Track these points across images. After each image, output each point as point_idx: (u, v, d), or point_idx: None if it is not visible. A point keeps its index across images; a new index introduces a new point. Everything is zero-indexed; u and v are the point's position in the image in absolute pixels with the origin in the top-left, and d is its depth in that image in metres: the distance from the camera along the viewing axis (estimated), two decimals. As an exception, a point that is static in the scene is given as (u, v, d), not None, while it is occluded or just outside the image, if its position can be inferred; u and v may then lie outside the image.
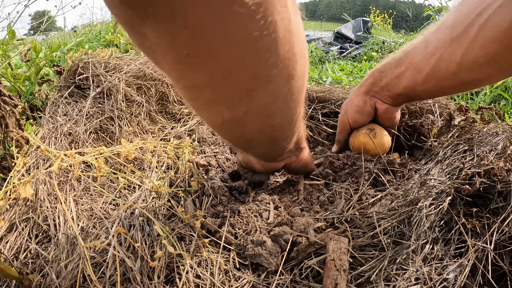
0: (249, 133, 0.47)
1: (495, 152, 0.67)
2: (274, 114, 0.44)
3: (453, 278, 0.49)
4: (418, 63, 0.70)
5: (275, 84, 0.37)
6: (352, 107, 0.84)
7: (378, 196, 0.70)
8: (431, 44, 0.68)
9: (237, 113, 0.40)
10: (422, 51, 0.70)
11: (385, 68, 0.78)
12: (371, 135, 0.83)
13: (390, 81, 0.77)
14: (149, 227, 0.62)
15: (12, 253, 0.61)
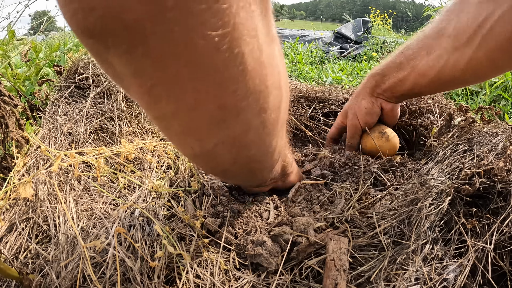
0: (223, 164, 0.45)
1: (495, 152, 0.67)
2: (247, 146, 0.42)
3: (453, 278, 0.49)
4: (422, 69, 0.74)
5: (245, 116, 0.35)
6: (361, 109, 0.87)
7: (378, 196, 0.70)
8: (434, 51, 0.71)
9: (207, 145, 0.39)
10: (424, 57, 0.73)
11: (387, 71, 0.82)
12: (384, 138, 0.86)
13: (393, 84, 0.81)
14: (149, 227, 0.62)
15: (12, 253, 0.61)
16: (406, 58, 0.77)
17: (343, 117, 0.93)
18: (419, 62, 0.74)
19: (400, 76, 0.78)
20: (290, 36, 4.94)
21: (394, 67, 0.79)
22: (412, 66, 0.76)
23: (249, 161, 0.48)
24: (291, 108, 1.13)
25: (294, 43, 3.42)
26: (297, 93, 1.16)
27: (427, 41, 0.73)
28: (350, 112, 0.89)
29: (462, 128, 0.83)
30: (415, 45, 0.75)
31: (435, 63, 0.71)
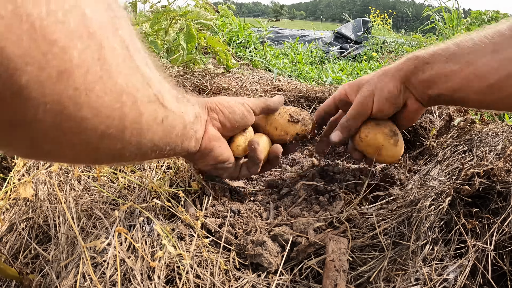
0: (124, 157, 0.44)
1: (495, 153, 0.67)
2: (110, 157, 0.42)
3: (453, 278, 0.49)
4: (481, 68, 0.57)
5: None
6: (383, 91, 0.68)
7: (378, 196, 0.70)
8: (505, 50, 0.55)
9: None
10: (488, 54, 0.57)
11: (432, 59, 0.64)
12: (393, 140, 0.70)
13: (435, 76, 0.63)
14: (149, 227, 0.62)
15: (12, 253, 0.62)
16: (461, 50, 0.60)
17: (351, 90, 0.74)
18: (480, 59, 0.57)
19: (448, 70, 0.61)
20: (290, 36, 4.94)
21: (444, 56, 0.62)
22: (468, 61, 0.59)
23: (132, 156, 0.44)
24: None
25: (294, 43, 3.42)
26: (297, 93, 1.16)
27: (497, 36, 0.56)
28: (367, 87, 0.70)
29: (461, 129, 0.83)
30: (478, 37, 0.58)
31: (504, 65, 0.55)
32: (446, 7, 3.24)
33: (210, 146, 0.62)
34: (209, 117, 0.63)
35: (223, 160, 0.65)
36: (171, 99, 0.46)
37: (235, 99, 0.68)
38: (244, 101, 0.68)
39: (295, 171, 0.89)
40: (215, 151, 0.63)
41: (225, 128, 0.65)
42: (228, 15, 2.73)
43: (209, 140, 0.62)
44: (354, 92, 0.72)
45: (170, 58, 1.36)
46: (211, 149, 0.62)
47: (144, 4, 1.56)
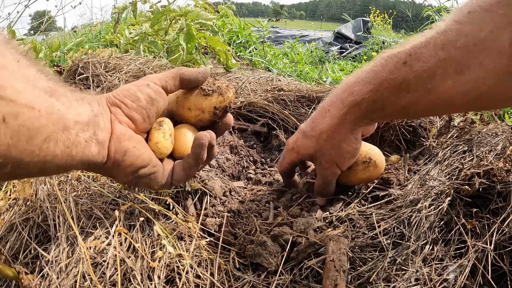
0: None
1: (495, 153, 0.67)
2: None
3: (453, 278, 0.49)
4: (447, 94, 0.51)
5: None
6: (343, 155, 0.65)
7: (378, 196, 0.70)
8: (467, 70, 0.48)
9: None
10: (451, 77, 0.50)
11: (378, 96, 0.56)
12: (372, 166, 0.69)
13: (391, 113, 0.58)
14: (149, 227, 0.62)
15: (12, 253, 0.62)
16: (415, 74, 0.51)
17: (299, 154, 0.70)
18: (442, 84, 0.50)
19: (405, 102, 0.53)
20: (290, 36, 4.94)
21: (394, 87, 0.53)
22: (429, 89, 0.51)
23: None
24: (291, 108, 1.13)
25: (294, 43, 3.42)
26: (297, 93, 1.16)
27: (453, 51, 0.48)
28: (323, 158, 0.66)
29: (461, 129, 0.84)
30: (428, 55, 0.50)
31: (472, 89, 0.48)
32: (445, 7, 3.24)
33: (121, 148, 0.49)
34: (112, 114, 0.50)
35: (144, 164, 0.52)
36: (34, 93, 0.37)
37: (137, 83, 0.55)
38: (150, 80, 0.56)
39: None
40: (130, 153, 0.50)
41: (136, 122, 0.53)
42: (228, 15, 2.73)
43: (118, 141, 0.49)
44: (308, 160, 0.72)
45: (170, 58, 1.36)
46: (123, 151, 0.49)
47: (144, 4, 1.56)
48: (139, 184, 0.55)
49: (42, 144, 0.38)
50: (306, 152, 0.68)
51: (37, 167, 0.39)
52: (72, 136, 0.42)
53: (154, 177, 0.55)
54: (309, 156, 0.68)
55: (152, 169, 0.54)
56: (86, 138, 0.44)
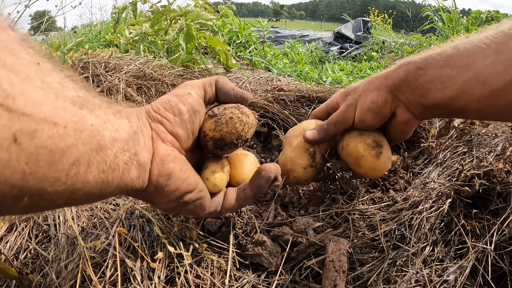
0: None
1: (495, 154, 0.67)
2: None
3: (453, 279, 0.49)
4: (482, 72, 0.49)
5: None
6: (366, 101, 0.61)
7: (378, 196, 0.70)
8: (509, 50, 0.47)
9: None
10: (491, 56, 0.48)
11: (426, 63, 0.55)
12: (375, 152, 0.61)
13: (429, 83, 0.54)
14: (149, 227, 0.62)
15: (12, 253, 0.62)
16: (459, 52, 0.51)
17: (342, 98, 0.67)
18: (481, 62, 0.49)
19: (444, 75, 0.52)
20: (290, 36, 4.94)
21: (439, 60, 0.53)
22: (466, 64, 0.50)
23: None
24: (291, 108, 1.13)
25: (294, 43, 3.42)
26: (297, 93, 1.16)
27: (500, 36, 0.48)
28: (352, 95, 0.63)
29: (461, 130, 0.84)
30: (478, 39, 0.50)
31: (508, 68, 0.46)
32: (445, 7, 3.24)
33: (166, 171, 0.42)
34: (153, 131, 0.43)
35: (190, 189, 0.46)
36: (57, 104, 0.29)
37: (177, 92, 0.48)
38: (190, 88, 0.49)
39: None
40: (175, 177, 0.43)
41: (181, 139, 0.46)
42: (228, 15, 2.73)
43: (162, 163, 0.42)
44: (344, 100, 0.66)
45: (170, 58, 1.36)
46: (168, 174, 0.43)
47: (144, 4, 1.56)
48: (183, 212, 0.49)
49: (69, 169, 0.30)
50: (346, 90, 0.66)
51: (63, 198, 0.31)
52: (109, 158, 0.34)
53: (201, 204, 0.48)
54: (346, 93, 0.66)
55: (199, 194, 0.47)
56: (126, 160, 0.37)
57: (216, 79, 0.51)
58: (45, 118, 0.27)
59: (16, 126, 0.25)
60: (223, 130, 0.48)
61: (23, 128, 0.25)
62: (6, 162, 0.25)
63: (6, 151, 0.25)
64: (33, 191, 0.28)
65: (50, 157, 0.28)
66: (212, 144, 0.49)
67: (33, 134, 0.26)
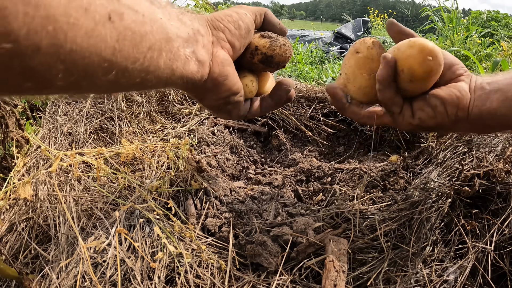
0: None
1: (494, 154, 0.67)
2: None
3: (453, 279, 0.49)
4: None
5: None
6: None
7: (378, 196, 0.70)
8: None
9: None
10: None
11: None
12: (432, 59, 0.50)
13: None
14: (149, 227, 0.62)
15: (12, 253, 0.62)
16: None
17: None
18: None
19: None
20: (290, 36, 4.94)
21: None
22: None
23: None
24: (291, 108, 1.13)
25: (294, 43, 3.42)
26: (297, 93, 1.16)
27: None
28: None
29: (462, 129, 0.83)
30: None
31: None
32: (445, 7, 3.24)
33: (225, 72, 0.49)
34: (214, 37, 0.49)
35: (237, 91, 0.53)
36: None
37: (236, 10, 0.53)
38: (245, 10, 0.54)
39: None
40: (230, 78, 0.50)
41: (236, 50, 0.52)
42: (228, 15, 2.73)
43: (222, 65, 0.49)
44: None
45: (170, 58, 1.36)
46: (226, 75, 0.50)
47: (144, 4, 1.55)
48: (222, 110, 0.55)
49: (146, 52, 0.35)
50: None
51: (140, 77, 0.37)
52: (174, 49, 0.40)
53: (237, 106, 0.55)
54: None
55: (240, 98, 0.54)
56: (187, 55, 0.43)
57: (266, 11, 0.58)
58: (129, 5, 0.32)
59: (110, 7, 0.30)
60: (276, 51, 0.56)
61: (114, 9, 0.31)
62: (102, 37, 0.30)
63: (103, 26, 0.30)
64: (119, 67, 0.33)
65: (133, 39, 0.33)
66: (260, 58, 0.56)
67: (121, 16, 0.31)
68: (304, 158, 0.99)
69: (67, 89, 0.32)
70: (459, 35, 2.82)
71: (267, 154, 1.08)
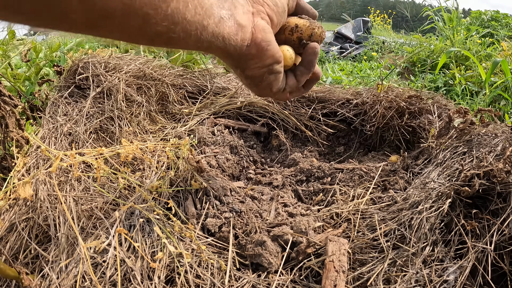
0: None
1: (494, 154, 0.67)
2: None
3: (453, 279, 0.49)
4: None
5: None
6: None
7: (378, 196, 0.70)
8: None
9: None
10: None
11: None
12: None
13: None
14: (149, 227, 0.62)
15: (12, 253, 0.61)
16: None
17: None
18: None
19: None
20: (290, 36, 4.93)
21: None
22: None
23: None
24: (291, 108, 1.13)
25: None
26: (297, 94, 1.16)
27: None
28: None
29: (461, 130, 0.83)
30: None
31: None
32: (446, 7, 3.24)
33: (267, 38, 0.50)
34: (254, 9, 0.50)
35: (279, 60, 0.53)
36: None
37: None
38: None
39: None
40: (273, 45, 0.51)
41: (273, 25, 0.53)
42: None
43: (264, 32, 0.49)
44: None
45: (170, 58, 1.36)
46: (269, 41, 0.50)
47: (144, 4, 1.55)
48: (265, 82, 0.55)
49: (170, 1, 0.36)
50: None
51: (163, 26, 0.37)
52: (205, 6, 0.40)
53: (278, 78, 0.56)
54: None
55: (281, 68, 0.55)
56: (222, 15, 0.43)
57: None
58: None
59: None
60: (315, 30, 0.58)
61: None
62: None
63: None
64: (138, 14, 0.34)
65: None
66: (299, 36, 0.58)
67: None
68: (304, 158, 0.99)
69: (87, 28, 0.33)
70: (459, 35, 2.82)
71: (267, 154, 1.08)
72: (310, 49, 0.58)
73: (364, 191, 0.73)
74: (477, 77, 1.88)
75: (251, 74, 0.54)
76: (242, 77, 0.56)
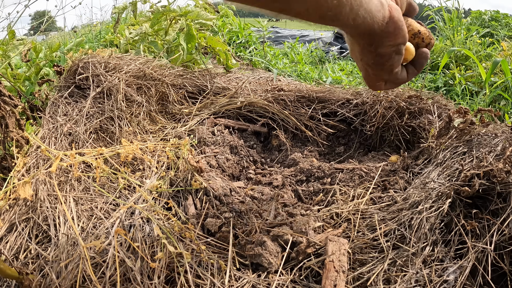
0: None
1: (494, 154, 0.67)
2: None
3: (453, 279, 0.49)
4: None
5: None
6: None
7: (378, 196, 0.70)
8: None
9: None
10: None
11: None
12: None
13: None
14: (149, 227, 0.62)
15: (12, 253, 0.61)
16: None
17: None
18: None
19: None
20: (290, 36, 4.93)
21: None
22: None
23: None
24: (291, 108, 1.13)
25: (294, 43, 3.42)
26: (297, 93, 1.16)
27: None
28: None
29: (461, 130, 0.83)
30: None
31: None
32: (446, 7, 3.24)
33: (401, 18, 0.53)
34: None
35: (406, 41, 0.57)
36: None
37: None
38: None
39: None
40: (405, 27, 0.54)
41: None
42: (228, 15, 2.73)
43: (398, 12, 0.52)
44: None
45: (170, 58, 1.36)
46: (402, 22, 0.53)
47: (144, 4, 1.55)
48: (390, 62, 0.57)
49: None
50: None
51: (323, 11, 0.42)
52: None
53: (400, 60, 0.58)
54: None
55: (404, 51, 0.57)
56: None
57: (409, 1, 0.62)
58: None
59: None
60: (432, 40, 0.64)
61: None
62: None
63: None
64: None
65: None
66: (420, 40, 0.63)
67: None
68: (304, 158, 0.99)
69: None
70: (460, 35, 2.82)
71: (267, 154, 1.08)
72: (425, 54, 0.63)
73: (364, 191, 0.73)
74: (477, 77, 1.88)
75: (383, 52, 0.56)
76: (373, 54, 0.58)
